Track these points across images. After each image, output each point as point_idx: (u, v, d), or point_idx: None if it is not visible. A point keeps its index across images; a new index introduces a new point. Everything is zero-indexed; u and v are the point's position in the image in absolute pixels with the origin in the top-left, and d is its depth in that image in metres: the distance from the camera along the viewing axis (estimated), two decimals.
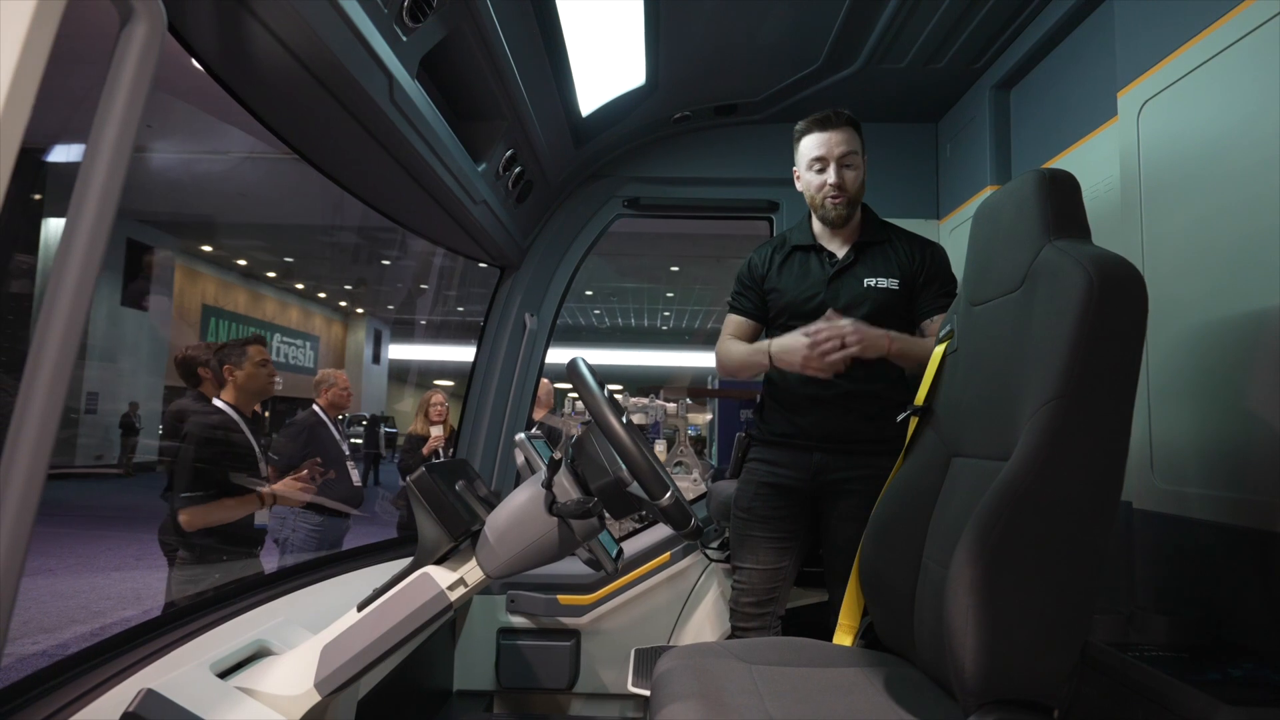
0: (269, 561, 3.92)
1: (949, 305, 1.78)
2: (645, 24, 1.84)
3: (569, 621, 2.40)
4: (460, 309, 18.00)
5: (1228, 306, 1.29)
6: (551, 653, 2.38)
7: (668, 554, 2.42)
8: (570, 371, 1.18)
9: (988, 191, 2.17)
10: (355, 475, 4.02)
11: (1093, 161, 1.74)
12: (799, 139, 1.85)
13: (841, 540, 1.75)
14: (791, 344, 1.70)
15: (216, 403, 3.02)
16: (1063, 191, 1.13)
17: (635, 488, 1.15)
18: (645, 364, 18.60)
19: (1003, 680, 0.93)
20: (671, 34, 1.93)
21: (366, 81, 1.24)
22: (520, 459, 1.47)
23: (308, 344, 18.85)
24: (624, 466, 1.12)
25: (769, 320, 1.92)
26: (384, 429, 14.92)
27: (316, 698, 1.13)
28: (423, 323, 19.65)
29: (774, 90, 2.33)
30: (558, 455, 1.13)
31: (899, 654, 1.36)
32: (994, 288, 1.24)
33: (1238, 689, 1.00)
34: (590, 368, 1.19)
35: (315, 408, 3.96)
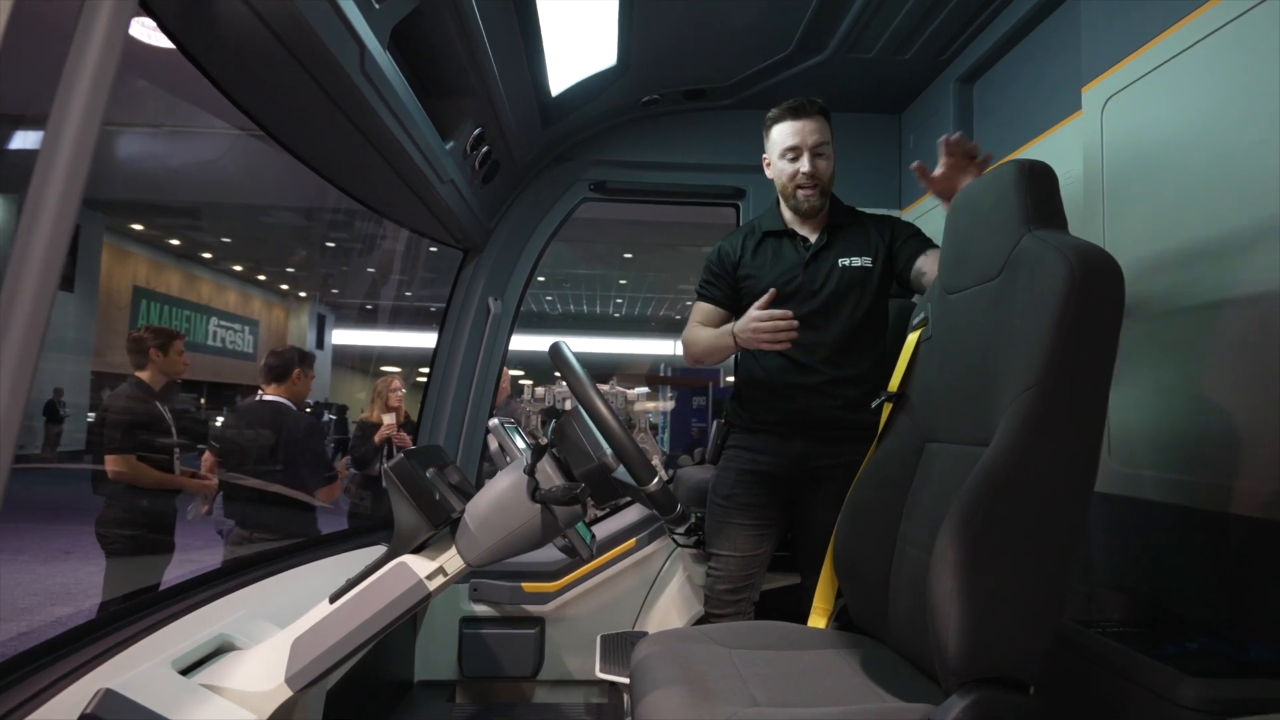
0: (212, 554, 3.78)
1: (932, 245, 1.80)
2: (620, 3, 1.81)
3: (533, 609, 2.38)
4: (408, 293, 17.60)
5: (1184, 299, 1.34)
6: (516, 640, 2.36)
7: (633, 540, 2.41)
8: (554, 356, 1.16)
9: None
10: None
11: (1055, 155, 1.78)
12: (771, 126, 1.85)
13: (820, 527, 1.76)
14: (753, 324, 1.68)
15: (271, 398, 3.38)
16: (1041, 182, 1.15)
17: (618, 473, 1.14)
18: (597, 351, 18.55)
19: (984, 659, 0.95)
20: (646, 14, 1.90)
21: (337, 50, 1.18)
22: (494, 445, 1.44)
23: (247, 328, 18.18)
24: (608, 452, 1.11)
25: (741, 308, 1.91)
26: (328, 416, 14.50)
27: (288, 693, 1.09)
28: (369, 308, 19.15)
29: (743, 76, 2.33)
30: (543, 441, 1.11)
31: (872, 635, 1.38)
32: (971, 276, 1.26)
33: (1195, 661, 1.05)
34: (572, 353, 1.17)
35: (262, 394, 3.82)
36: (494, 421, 1.46)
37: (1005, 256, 1.16)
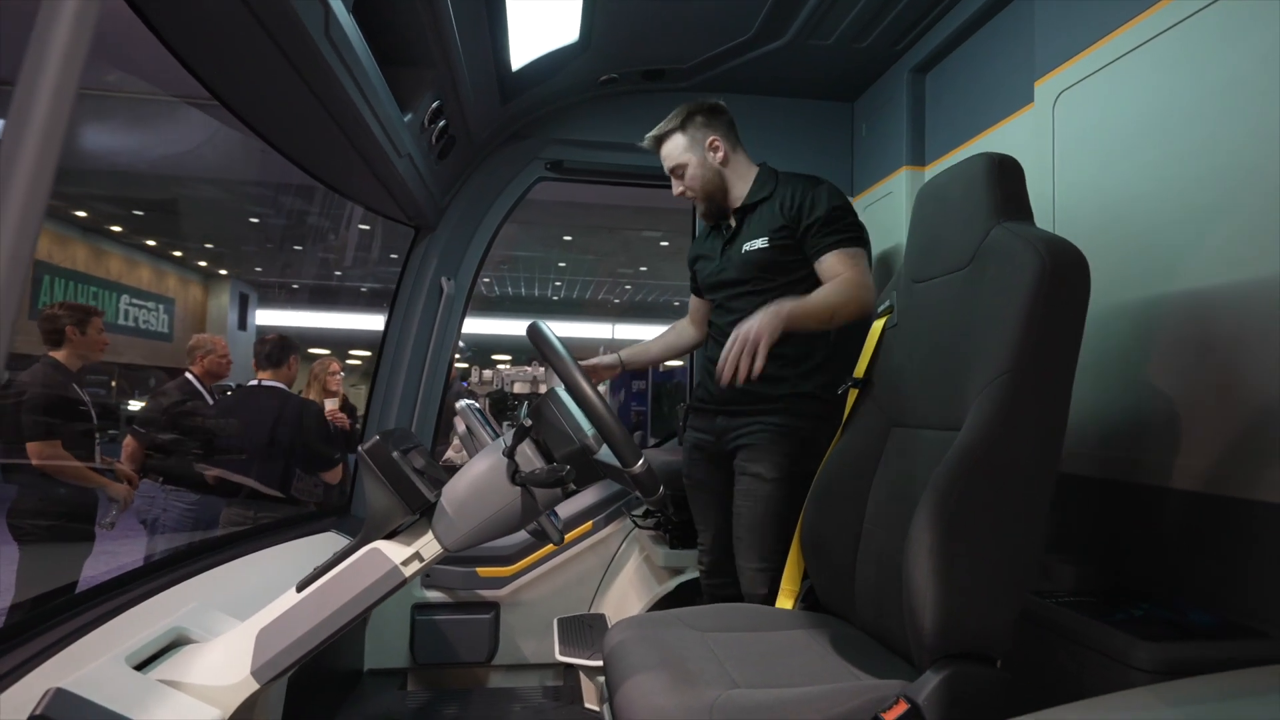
0: (134, 545, 3.58)
1: (841, 242, 1.73)
2: None
3: (488, 594, 2.36)
4: (338, 273, 16.95)
5: (1128, 289, 1.41)
6: (470, 626, 2.33)
7: (590, 523, 2.41)
8: (534, 336, 1.14)
9: (903, 171, 2.26)
10: None
11: (1007, 146, 1.83)
12: None
13: (740, 501, 1.78)
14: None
15: (270, 383, 3.47)
16: (1010, 175, 1.19)
17: (598, 455, 1.13)
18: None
19: (957, 636, 0.98)
20: None
21: (303, 11, 1.12)
22: (461, 428, 1.41)
23: (161, 307, 17.16)
24: (589, 433, 1.10)
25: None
26: None
27: (254, 686, 1.05)
28: (295, 287, 18.35)
29: (703, 58, 2.32)
30: (527, 422, 1.09)
31: (838, 615, 1.42)
32: (939, 266, 1.29)
33: (1143, 627, 1.12)
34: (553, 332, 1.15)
35: (188, 376, 3.63)
36: (462, 404, 1.42)
37: (975, 247, 1.19)
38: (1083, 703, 0.92)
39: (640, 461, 1.04)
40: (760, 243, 1.81)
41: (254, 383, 3.48)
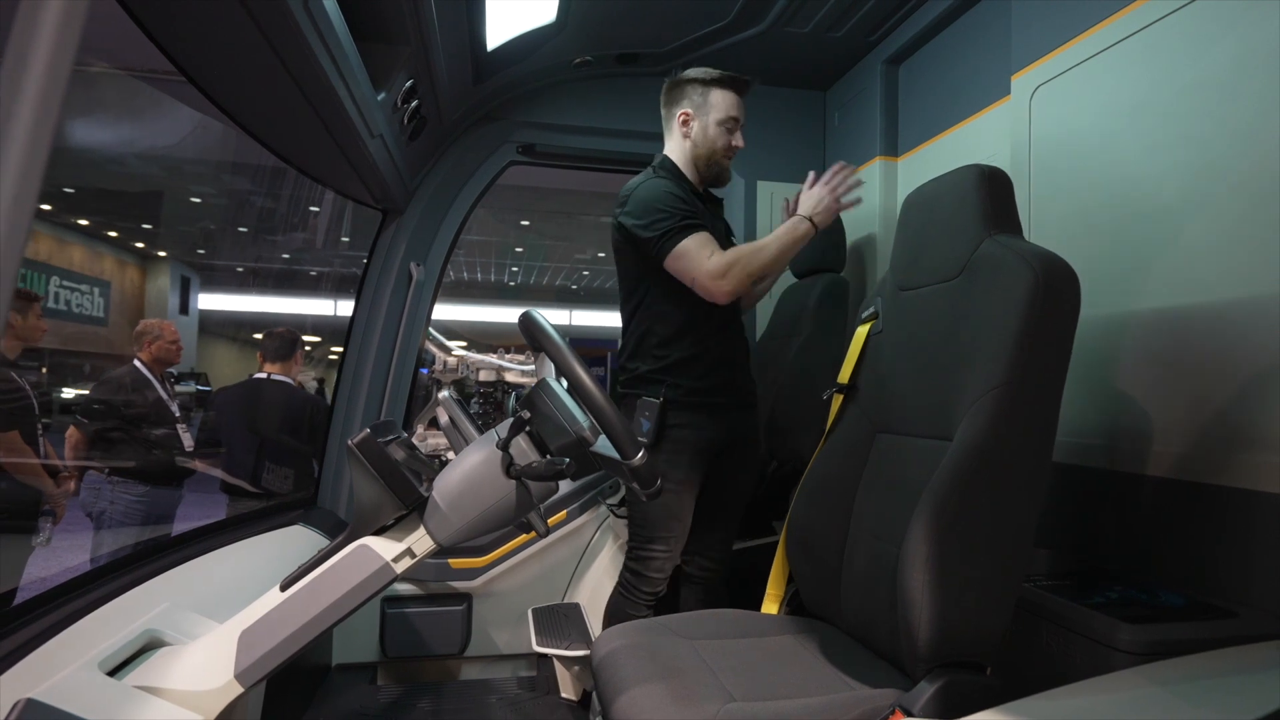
0: (79, 539, 3.42)
1: None
2: None
3: (460, 585, 2.32)
4: (286, 256, 16.40)
5: (1104, 282, 1.44)
6: (442, 618, 2.29)
7: (564, 512, 2.39)
8: (529, 324, 1.11)
9: (877, 161, 2.28)
10: (188, 439, 3.60)
11: (982, 138, 1.87)
12: (711, 88, 1.85)
13: (743, 486, 1.88)
14: (818, 196, 1.80)
15: (279, 378, 3.58)
16: (999, 187, 1.20)
17: (594, 447, 1.11)
18: (492, 320, 18.07)
19: (952, 645, 1.00)
20: None
21: None
22: (444, 418, 1.38)
23: (96, 290, 16.37)
24: (584, 425, 1.08)
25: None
26: (196, 386, 13.37)
27: (238, 690, 1.01)
28: (240, 270, 17.70)
29: (679, 43, 2.29)
30: (525, 414, 1.06)
31: (823, 618, 1.43)
32: (927, 275, 1.29)
33: (1122, 609, 1.16)
34: (547, 321, 1.12)
35: (137, 364, 3.48)
36: (444, 394, 1.39)
37: (965, 259, 1.19)
38: (1076, 685, 0.94)
39: (640, 453, 1.03)
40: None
41: (260, 375, 3.60)
